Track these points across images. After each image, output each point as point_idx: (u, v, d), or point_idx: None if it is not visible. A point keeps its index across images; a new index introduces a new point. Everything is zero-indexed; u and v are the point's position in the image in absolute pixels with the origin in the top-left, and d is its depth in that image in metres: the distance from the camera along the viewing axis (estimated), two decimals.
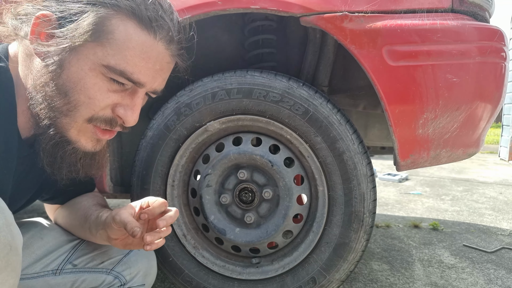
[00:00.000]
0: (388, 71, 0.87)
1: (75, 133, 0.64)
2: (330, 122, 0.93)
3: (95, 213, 0.78)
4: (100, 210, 0.79)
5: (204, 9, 0.90)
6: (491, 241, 1.86)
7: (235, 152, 0.99)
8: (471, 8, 0.93)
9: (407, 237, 1.90)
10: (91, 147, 0.67)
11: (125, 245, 0.74)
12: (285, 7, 0.88)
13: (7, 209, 0.53)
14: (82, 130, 0.64)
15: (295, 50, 1.20)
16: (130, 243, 0.73)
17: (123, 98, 0.64)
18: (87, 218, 0.79)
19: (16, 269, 0.52)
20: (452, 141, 0.94)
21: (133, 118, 0.66)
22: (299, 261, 1.00)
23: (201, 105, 0.97)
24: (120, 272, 0.81)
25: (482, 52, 0.88)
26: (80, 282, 0.79)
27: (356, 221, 0.94)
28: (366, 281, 1.37)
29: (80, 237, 0.84)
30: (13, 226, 0.52)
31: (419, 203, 2.69)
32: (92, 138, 0.66)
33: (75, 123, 0.63)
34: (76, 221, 0.83)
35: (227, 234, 1.02)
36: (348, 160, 0.93)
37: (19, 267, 0.53)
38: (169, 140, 0.99)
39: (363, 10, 0.86)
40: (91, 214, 0.79)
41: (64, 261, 0.80)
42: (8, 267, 0.50)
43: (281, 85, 0.94)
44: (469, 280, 1.39)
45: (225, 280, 1.03)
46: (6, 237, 0.50)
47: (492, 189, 3.25)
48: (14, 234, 0.52)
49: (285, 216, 0.99)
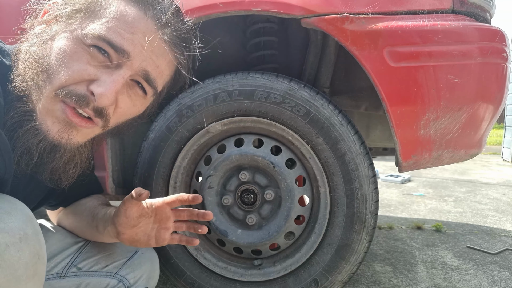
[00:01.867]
0: (389, 72, 0.87)
1: (42, 111, 0.56)
2: (331, 123, 0.93)
3: (102, 211, 0.78)
4: (107, 208, 0.79)
5: (206, 12, 0.90)
6: (494, 242, 1.85)
7: (236, 154, 1.00)
8: (471, 9, 0.93)
9: (410, 239, 1.89)
10: (56, 132, 0.57)
11: (132, 241, 0.73)
12: (286, 9, 0.88)
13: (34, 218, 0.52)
14: (49, 108, 0.56)
15: (296, 52, 1.20)
16: (137, 239, 0.73)
17: (101, 74, 0.57)
18: (94, 217, 0.79)
19: (42, 277, 0.52)
20: (454, 142, 0.94)
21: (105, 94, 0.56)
22: (301, 262, 1.00)
23: (202, 106, 0.97)
24: (124, 276, 0.81)
25: (484, 53, 0.88)
26: (85, 285, 0.79)
27: (358, 223, 0.94)
28: (368, 283, 1.36)
29: (85, 238, 0.84)
30: (40, 235, 0.52)
31: (421, 205, 2.68)
32: (60, 118, 0.57)
33: (44, 96, 0.56)
34: (82, 222, 0.83)
35: (229, 236, 1.02)
36: (350, 161, 0.93)
37: (44, 275, 0.53)
38: (171, 141, 1.00)
39: (364, 12, 0.87)
40: (98, 213, 0.79)
41: (69, 264, 0.79)
42: (35, 276, 0.50)
43: (283, 87, 0.94)
44: (473, 282, 1.38)
45: (227, 282, 1.03)
46: (35, 246, 0.50)
47: (495, 190, 3.23)
48: (42, 243, 0.52)
49: (287, 218, 0.99)
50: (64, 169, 0.63)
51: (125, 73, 0.58)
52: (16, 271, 0.46)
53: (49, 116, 0.57)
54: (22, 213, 0.50)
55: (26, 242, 0.48)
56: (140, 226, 0.72)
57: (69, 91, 0.55)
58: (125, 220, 0.70)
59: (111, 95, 0.57)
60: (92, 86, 0.56)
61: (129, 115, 0.66)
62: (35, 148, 0.56)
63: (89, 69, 0.56)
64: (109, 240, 0.79)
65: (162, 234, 0.75)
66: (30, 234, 0.49)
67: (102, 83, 0.56)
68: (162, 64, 0.63)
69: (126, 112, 0.64)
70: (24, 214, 0.50)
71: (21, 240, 0.47)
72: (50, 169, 0.61)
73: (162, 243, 0.75)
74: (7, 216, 0.47)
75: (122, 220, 0.70)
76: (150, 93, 0.65)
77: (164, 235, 0.75)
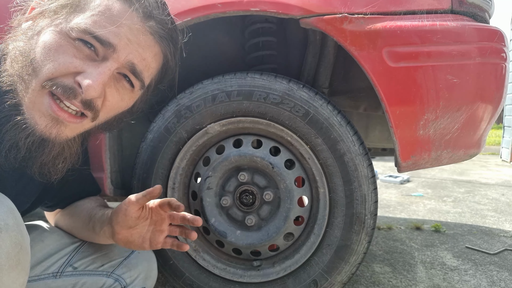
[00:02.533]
0: (388, 73, 0.86)
1: (29, 105, 0.56)
2: (330, 123, 0.93)
3: (100, 212, 0.78)
4: (105, 210, 0.80)
5: (204, 12, 0.90)
6: (493, 242, 1.85)
7: (235, 154, 0.99)
8: (470, 9, 0.93)
9: (409, 239, 1.89)
10: (44, 126, 0.57)
11: (126, 242, 0.73)
12: (285, 9, 0.88)
13: (16, 210, 0.53)
14: (36, 102, 0.56)
15: (295, 52, 1.20)
16: (132, 241, 0.73)
17: (88, 67, 0.57)
18: (91, 218, 0.79)
19: (26, 268, 0.53)
20: (453, 142, 0.94)
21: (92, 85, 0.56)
22: (301, 263, 0.99)
23: (201, 107, 0.97)
24: (121, 275, 0.81)
25: (482, 53, 0.88)
26: (81, 285, 0.79)
27: (357, 223, 0.94)
28: (368, 283, 1.36)
29: (82, 238, 0.84)
30: (22, 226, 0.53)
31: (420, 205, 2.68)
32: (46, 113, 0.57)
33: (30, 89, 0.56)
34: (79, 223, 0.83)
35: (228, 237, 1.02)
36: (349, 161, 0.93)
37: (28, 266, 0.54)
38: (170, 142, 0.99)
39: (363, 12, 0.87)
40: (96, 214, 0.79)
41: (65, 263, 0.80)
42: (19, 266, 0.51)
43: (281, 87, 0.94)
44: (472, 282, 1.38)
45: (226, 283, 1.03)
46: (16, 237, 0.51)
47: (494, 190, 3.23)
48: (24, 234, 0.53)
49: (286, 219, 0.99)
50: (54, 163, 0.63)
51: (112, 65, 0.59)
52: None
53: (35, 110, 0.57)
54: (3, 205, 0.51)
55: (6, 232, 0.49)
56: (136, 228, 0.72)
57: (56, 82, 0.56)
58: (124, 218, 0.70)
59: (98, 86, 0.57)
60: (79, 77, 0.56)
61: (118, 109, 0.66)
62: (22, 142, 0.56)
63: (75, 61, 0.56)
64: (104, 241, 0.79)
65: (156, 236, 0.75)
66: (11, 224, 0.50)
67: (88, 75, 0.56)
68: (148, 57, 0.63)
69: (114, 105, 0.64)
70: (5, 205, 0.51)
71: (1, 230, 0.48)
72: (39, 163, 0.61)
73: (156, 246, 0.75)
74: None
75: (121, 219, 0.70)
76: (138, 86, 0.65)
77: (158, 238, 0.75)
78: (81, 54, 0.57)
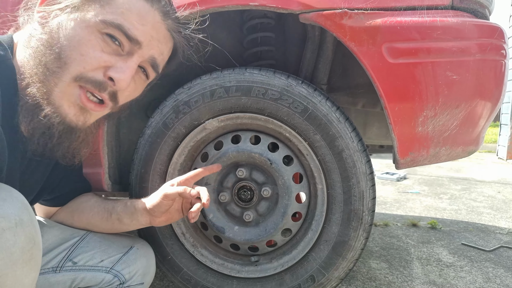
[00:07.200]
0: (387, 69, 0.86)
1: (59, 95, 0.60)
2: (329, 120, 0.92)
3: (118, 205, 0.85)
4: (121, 201, 0.86)
5: (203, 6, 0.89)
6: (489, 239, 1.86)
7: (233, 150, 0.99)
8: (471, 5, 0.93)
9: (405, 236, 1.90)
10: (73, 115, 0.62)
11: (167, 221, 0.84)
12: (284, 4, 0.87)
13: (29, 205, 0.54)
14: (67, 92, 0.60)
15: (294, 48, 1.19)
16: (171, 217, 0.83)
17: (116, 61, 0.62)
18: (111, 212, 0.85)
19: (38, 262, 0.54)
20: (452, 139, 0.94)
21: (124, 79, 0.62)
22: (298, 259, 0.99)
23: (199, 103, 0.96)
24: (120, 271, 0.81)
25: (482, 50, 0.88)
26: (80, 280, 0.79)
27: (355, 219, 0.94)
28: (364, 279, 1.37)
29: (101, 232, 0.87)
30: (36, 222, 0.54)
31: (417, 202, 2.70)
32: (75, 103, 0.61)
33: (61, 82, 0.59)
34: (95, 218, 0.86)
35: (226, 232, 1.01)
36: (347, 158, 0.93)
37: (40, 261, 0.55)
38: (168, 138, 0.99)
39: (362, 7, 0.86)
40: (114, 207, 0.85)
41: (64, 258, 0.80)
42: (32, 260, 0.52)
43: (280, 83, 0.93)
44: (468, 279, 1.39)
45: (224, 278, 1.03)
46: (31, 232, 0.52)
47: (490, 188, 3.25)
48: (37, 229, 0.54)
49: (284, 215, 0.99)
50: (79, 147, 0.68)
51: (138, 60, 0.65)
52: (12, 254, 0.48)
53: (65, 100, 0.61)
54: (18, 200, 0.52)
55: (21, 227, 0.50)
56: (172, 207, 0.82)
57: (88, 78, 0.60)
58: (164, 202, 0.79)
59: (128, 79, 0.63)
60: (111, 72, 0.61)
61: (132, 97, 0.73)
62: (55, 129, 0.61)
63: (104, 56, 0.61)
64: (135, 227, 0.86)
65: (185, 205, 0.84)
66: (25, 220, 0.51)
67: (119, 69, 0.62)
68: (165, 51, 0.71)
69: (131, 94, 0.71)
70: (19, 201, 0.52)
71: (16, 225, 0.49)
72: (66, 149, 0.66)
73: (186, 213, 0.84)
74: (3, 203, 0.49)
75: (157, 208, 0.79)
76: (152, 77, 0.72)
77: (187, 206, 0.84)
78: (108, 48, 0.61)
